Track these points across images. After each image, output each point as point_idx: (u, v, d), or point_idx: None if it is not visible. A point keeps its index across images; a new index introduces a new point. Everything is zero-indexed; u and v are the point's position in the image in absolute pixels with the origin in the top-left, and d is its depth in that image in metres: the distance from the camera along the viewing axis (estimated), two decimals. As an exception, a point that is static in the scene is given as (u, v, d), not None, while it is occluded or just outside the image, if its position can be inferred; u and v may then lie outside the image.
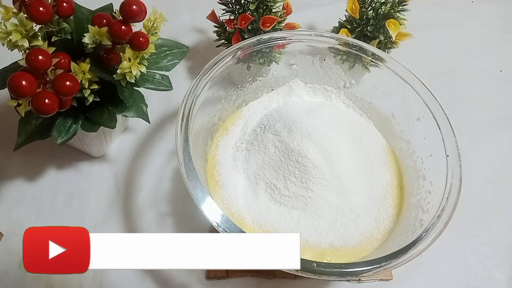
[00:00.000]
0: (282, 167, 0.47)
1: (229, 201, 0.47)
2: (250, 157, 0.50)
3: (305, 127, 0.49)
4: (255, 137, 0.51)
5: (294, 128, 0.49)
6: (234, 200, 0.47)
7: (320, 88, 0.57)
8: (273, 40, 0.52)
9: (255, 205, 0.47)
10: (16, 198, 0.52)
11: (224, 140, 0.52)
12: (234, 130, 0.53)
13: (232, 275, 0.48)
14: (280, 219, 0.46)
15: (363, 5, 0.58)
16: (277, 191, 0.47)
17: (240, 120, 0.54)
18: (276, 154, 0.48)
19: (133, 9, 0.41)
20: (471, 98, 0.68)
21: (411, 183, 0.49)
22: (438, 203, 0.41)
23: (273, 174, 0.48)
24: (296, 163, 0.47)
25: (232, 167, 0.50)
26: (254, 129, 0.52)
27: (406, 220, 0.46)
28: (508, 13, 0.83)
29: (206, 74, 0.46)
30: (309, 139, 0.48)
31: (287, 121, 0.50)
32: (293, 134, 0.48)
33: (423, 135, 0.49)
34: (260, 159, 0.49)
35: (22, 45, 0.39)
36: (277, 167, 0.48)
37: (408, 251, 0.38)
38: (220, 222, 0.37)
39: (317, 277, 0.35)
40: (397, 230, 0.46)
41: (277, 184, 0.47)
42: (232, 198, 0.47)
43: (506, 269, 0.52)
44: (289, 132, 0.48)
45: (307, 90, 0.57)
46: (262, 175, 0.48)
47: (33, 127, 0.46)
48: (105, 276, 0.47)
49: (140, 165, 0.56)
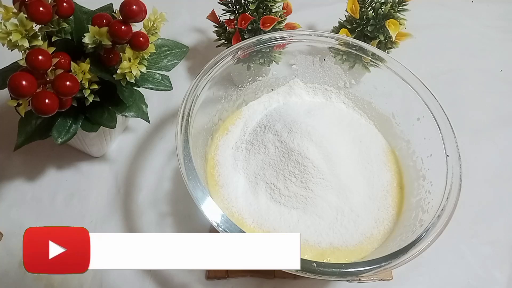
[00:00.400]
0: (282, 167, 0.47)
1: (229, 201, 0.47)
2: (250, 157, 0.50)
3: (305, 127, 0.49)
4: (255, 137, 0.51)
5: (294, 128, 0.49)
6: (234, 200, 0.47)
7: (320, 88, 0.57)
8: (273, 40, 0.52)
9: (255, 205, 0.47)
10: (16, 198, 0.52)
11: (224, 140, 0.52)
12: (234, 130, 0.53)
13: (232, 275, 0.48)
14: (280, 219, 0.46)
15: (363, 5, 0.58)
16: (277, 191, 0.47)
17: (240, 120, 0.54)
18: (276, 154, 0.48)
19: (133, 9, 0.41)
20: (471, 98, 0.68)
21: (411, 183, 0.49)
22: (438, 203, 0.41)
23: (273, 174, 0.48)
24: (296, 163, 0.47)
25: (232, 167, 0.50)
26: (254, 129, 0.52)
27: (406, 220, 0.46)
28: (508, 13, 0.83)
29: (206, 74, 0.46)
30: (309, 139, 0.48)
31: (287, 121, 0.50)
32: (293, 134, 0.48)
33: (423, 135, 0.49)
34: (260, 159, 0.49)
35: (22, 45, 0.39)
36: (277, 167, 0.48)
37: (408, 251, 0.38)
38: (220, 222, 0.37)
39: (317, 277, 0.35)
40: (397, 230, 0.46)
41: (277, 184, 0.47)
42: (232, 198, 0.47)
43: (506, 269, 0.52)
44: (289, 132, 0.48)
45: (307, 90, 0.57)
46: (262, 175, 0.48)
47: (33, 127, 0.46)
48: (105, 276, 0.47)
49: (140, 165, 0.56)
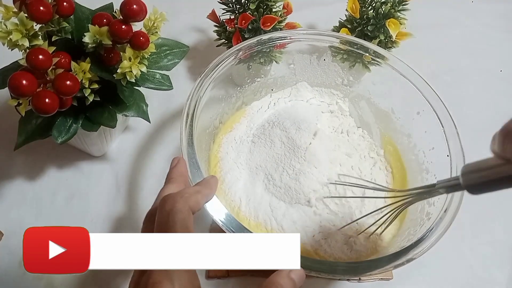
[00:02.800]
0: (284, 161, 0.48)
1: (230, 194, 0.48)
2: (255, 149, 0.51)
3: (314, 127, 0.50)
4: (263, 131, 0.52)
5: (303, 126, 0.50)
6: (234, 193, 0.48)
7: (327, 92, 0.58)
8: (274, 40, 0.52)
9: (251, 195, 0.48)
10: (16, 197, 0.52)
11: (227, 137, 0.53)
12: (239, 127, 0.54)
13: (232, 275, 0.48)
14: (271, 211, 0.47)
15: (364, 5, 0.58)
16: (271, 182, 0.48)
17: (245, 118, 0.55)
18: (282, 149, 0.49)
19: (134, 9, 0.41)
20: (471, 98, 0.68)
21: (415, 177, 0.50)
22: (444, 196, 0.41)
23: (273, 166, 0.49)
24: (300, 159, 0.47)
25: (234, 160, 0.50)
26: (263, 124, 0.53)
27: (412, 214, 0.46)
28: (508, 12, 0.83)
29: (210, 74, 0.46)
30: (318, 140, 0.48)
31: (297, 119, 0.51)
32: (301, 132, 0.49)
33: (423, 129, 0.49)
34: (265, 152, 0.50)
35: (22, 45, 0.39)
36: (279, 160, 0.49)
37: (409, 251, 0.38)
38: (225, 220, 0.37)
39: (318, 276, 0.35)
40: (404, 225, 0.46)
41: (274, 175, 0.48)
42: (233, 191, 0.48)
43: (506, 269, 0.52)
44: (297, 130, 0.50)
45: (313, 93, 0.58)
46: (263, 166, 0.49)
47: (34, 126, 0.46)
48: (105, 276, 0.47)
49: (140, 164, 0.56)
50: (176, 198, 0.30)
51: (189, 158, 0.40)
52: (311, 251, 0.44)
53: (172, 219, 0.29)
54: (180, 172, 0.36)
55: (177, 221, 0.29)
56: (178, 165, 0.37)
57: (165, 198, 0.31)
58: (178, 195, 0.31)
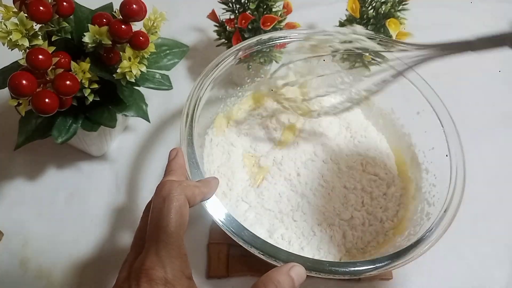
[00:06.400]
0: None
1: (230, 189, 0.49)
2: (253, 131, 0.53)
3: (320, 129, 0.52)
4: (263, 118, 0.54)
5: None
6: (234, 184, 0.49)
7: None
8: (274, 40, 0.52)
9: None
10: (16, 197, 0.52)
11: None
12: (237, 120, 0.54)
13: (232, 275, 0.48)
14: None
15: (364, 5, 0.58)
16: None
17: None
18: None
19: (133, 8, 0.41)
20: (471, 98, 0.68)
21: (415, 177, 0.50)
22: (444, 196, 0.42)
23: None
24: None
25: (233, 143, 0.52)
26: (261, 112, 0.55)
27: (412, 214, 0.46)
28: (508, 13, 0.83)
29: (209, 74, 0.46)
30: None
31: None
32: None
33: (423, 129, 0.49)
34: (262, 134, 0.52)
35: (22, 45, 0.39)
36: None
37: (409, 251, 0.38)
38: (224, 220, 0.37)
39: (318, 275, 0.35)
40: (405, 224, 0.46)
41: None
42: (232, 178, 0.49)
43: (505, 268, 0.52)
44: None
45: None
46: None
47: (33, 126, 0.46)
48: (105, 276, 0.47)
49: (140, 164, 0.56)
50: (173, 185, 0.30)
51: (189, 158, 0.40)
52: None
53: (167, 206, 0.29)
54: (179, 164, 0.36)
55: (172, 208, 0.29)
56: (177, 157, 0.37)
57: (162, 183, 0.31)
58: (176, 182, 0.31)
